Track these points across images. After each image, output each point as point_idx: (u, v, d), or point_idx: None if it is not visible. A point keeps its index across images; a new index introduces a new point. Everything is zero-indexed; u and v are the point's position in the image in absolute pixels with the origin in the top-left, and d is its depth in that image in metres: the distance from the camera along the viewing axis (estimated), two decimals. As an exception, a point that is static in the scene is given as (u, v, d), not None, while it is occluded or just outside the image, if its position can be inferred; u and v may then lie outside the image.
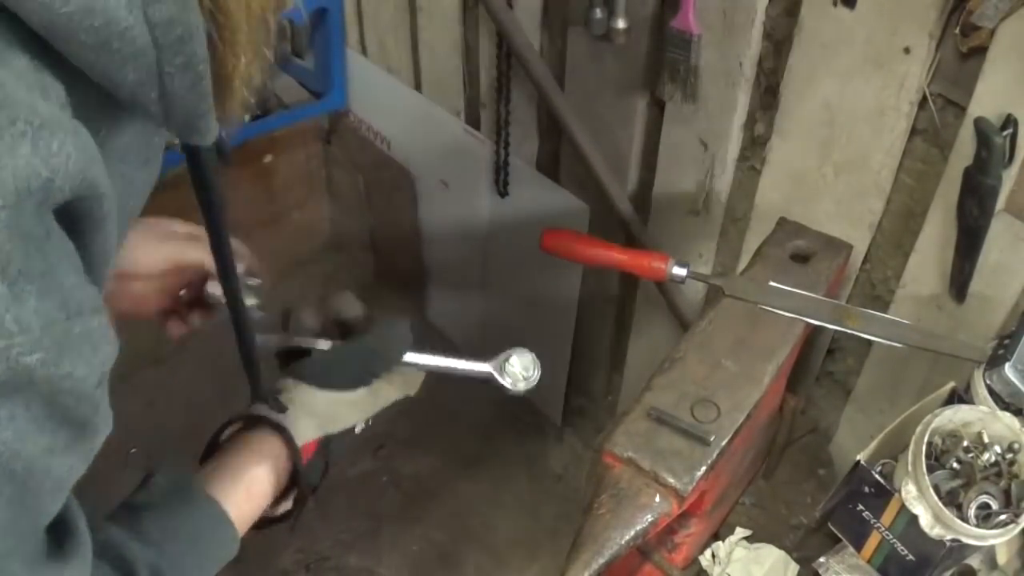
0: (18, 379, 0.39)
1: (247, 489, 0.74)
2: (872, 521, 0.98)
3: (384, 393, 0.85)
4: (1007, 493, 0.92)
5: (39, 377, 0.39)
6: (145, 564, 0.60)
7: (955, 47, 1.03)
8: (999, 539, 0.91)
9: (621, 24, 1.32)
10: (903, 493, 0.92)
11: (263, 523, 0.78)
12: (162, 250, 0.85)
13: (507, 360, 0.83)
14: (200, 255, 0.85)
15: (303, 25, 2.00)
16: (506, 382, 0.83)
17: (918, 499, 0.91)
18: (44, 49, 0.40)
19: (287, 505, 0.80)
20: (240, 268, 0.79)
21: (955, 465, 0.94)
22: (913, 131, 1.13)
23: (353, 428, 0.83)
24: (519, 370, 0.83)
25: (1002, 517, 0.90)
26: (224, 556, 0.69)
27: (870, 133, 1.15)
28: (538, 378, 0.84)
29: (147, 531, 0.63)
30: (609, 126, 1.50)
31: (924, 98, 1.09)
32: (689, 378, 1.01)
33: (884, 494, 0.95)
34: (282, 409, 0.78)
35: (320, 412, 0.80)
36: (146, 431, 1.86)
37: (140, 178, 0.54)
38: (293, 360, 0.84)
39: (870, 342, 1.25)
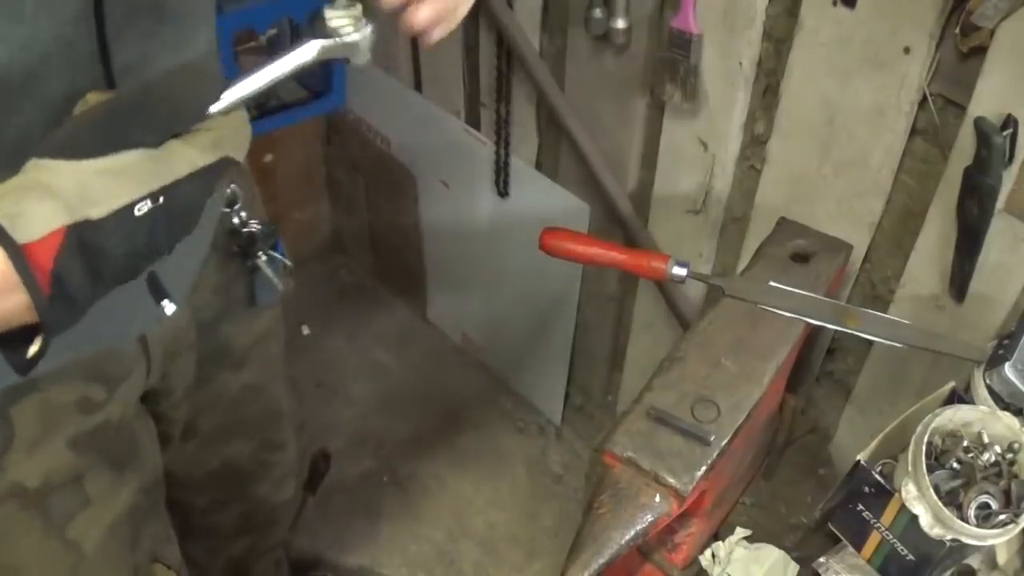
0: None
1: None
2: (872, 521, 0.98)
3: (184, 156, 0.62)
4: (1007, 493, 0.92)
5: None
6: None
7: (955, 47, 1.03)
8: (999, 539, 0.91)
9: (621, 24, 1.32)
10: (903, 493, 0.92)
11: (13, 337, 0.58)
12: None
13: (322, 19, 0.69)
14: None
15: (304, 25, 1.99)
16: (337, 39, 0.70)
17: (918, 499, 0.91)
18: None
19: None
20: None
21: (955, 465, 0.94)
22: (913, 131, 1.13)
23: (131, 207, 0.59)
24: (341, 13, 0.70)
25: (1002, 517, 0.90)
26: None
27: (870, 133, 1.15)
28: (368, 26, 0.70)
29: None
30: (609, 126, 1.50)
31: (924, 98, 1.09)
32: (689, 378, 1.01)
33: (884, 494, 0.95)
34: None
35: (65, 191, 0.57)
36: (146, 431, 1.85)
37: None
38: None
39: (870, 342, 1.25)
